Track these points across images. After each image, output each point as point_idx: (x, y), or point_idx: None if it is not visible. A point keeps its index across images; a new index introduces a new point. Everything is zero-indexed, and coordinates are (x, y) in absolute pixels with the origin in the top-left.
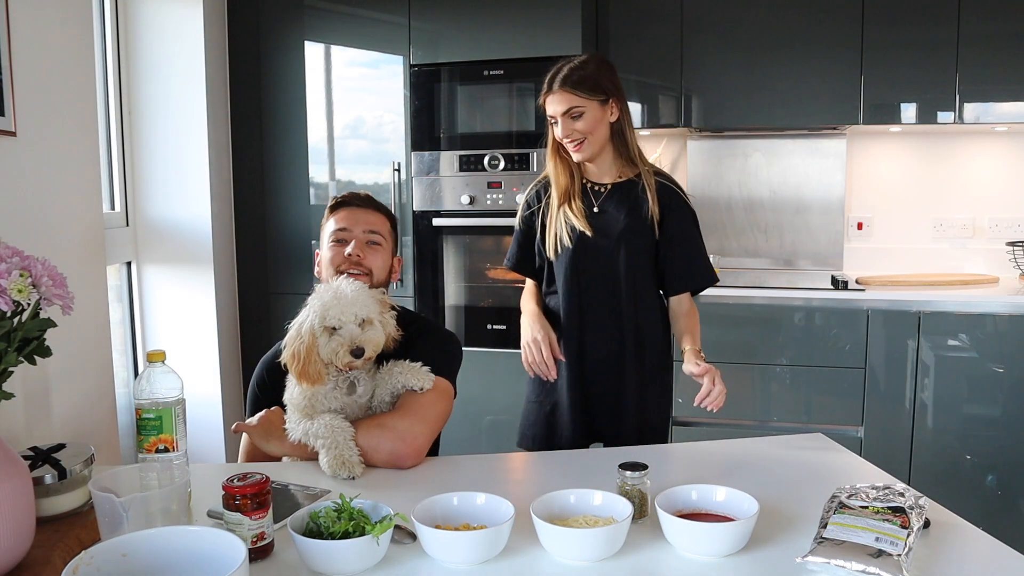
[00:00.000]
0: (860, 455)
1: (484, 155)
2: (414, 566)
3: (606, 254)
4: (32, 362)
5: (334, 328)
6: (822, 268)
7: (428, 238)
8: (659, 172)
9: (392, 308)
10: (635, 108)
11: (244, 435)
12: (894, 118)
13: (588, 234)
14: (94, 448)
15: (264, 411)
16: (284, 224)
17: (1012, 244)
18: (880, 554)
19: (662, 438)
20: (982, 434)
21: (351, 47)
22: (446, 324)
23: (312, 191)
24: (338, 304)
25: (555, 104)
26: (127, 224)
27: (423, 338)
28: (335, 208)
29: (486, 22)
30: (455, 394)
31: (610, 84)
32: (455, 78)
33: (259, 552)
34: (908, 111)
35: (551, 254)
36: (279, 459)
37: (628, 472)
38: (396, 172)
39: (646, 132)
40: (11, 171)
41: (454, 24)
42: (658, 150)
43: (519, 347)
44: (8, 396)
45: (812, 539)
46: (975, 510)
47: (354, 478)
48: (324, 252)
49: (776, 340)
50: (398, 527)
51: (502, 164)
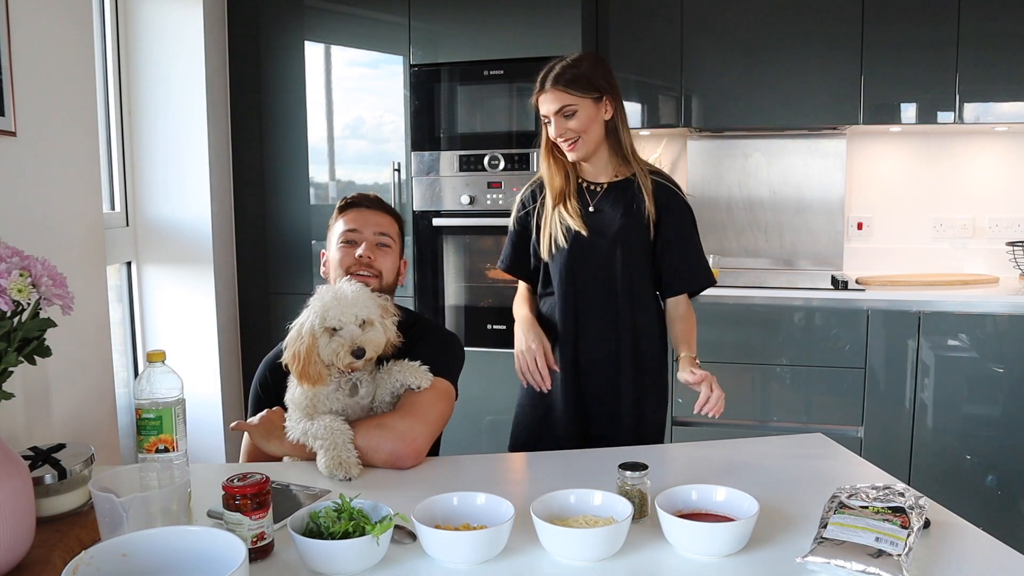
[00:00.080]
0: (860, 455)
1: (484, 155)
2: (414, 566)
3: (602, 254)
4: (32, 362)
5: (335, 329)
6: (822, 268)
7: (428, 238)
8: (656, 171)
9: (394, 314)
10: (635, 108)
11: (245, 435)
12: (894, 118)
13: (584, 234)
14: (94, 448)
15: (265, 411)
16: (284, 224)
17: (1012, 244)
18: (880, 554)
19: (658, 442)
20: (982, 434)
21: (351, 47)
22: (446, 324)
23: (312, 191)
24: (338, 305)
25: (548, 103)
26: (127, 224)
27: (425, 339)
28: (344, 209)
29: (486, 22)
30: (456, 395)
31: (604, 81)
32: (455, 78)
33: (259, 552)
34: (908, 111)
35: (546, 255)
36: (279, 459)
37: (628, 472)
38: (396, 172)
39: (646, 132)
40: (11, 171)
41: (454, 24)
42: (658, 150)
43: None
44: (8, 396)
45: (812, 539)
46: (975, 510)
47: (351, 479)
48: (333, 253)
49: (776, 340)
50: (398, 527)
51: (502, 164)
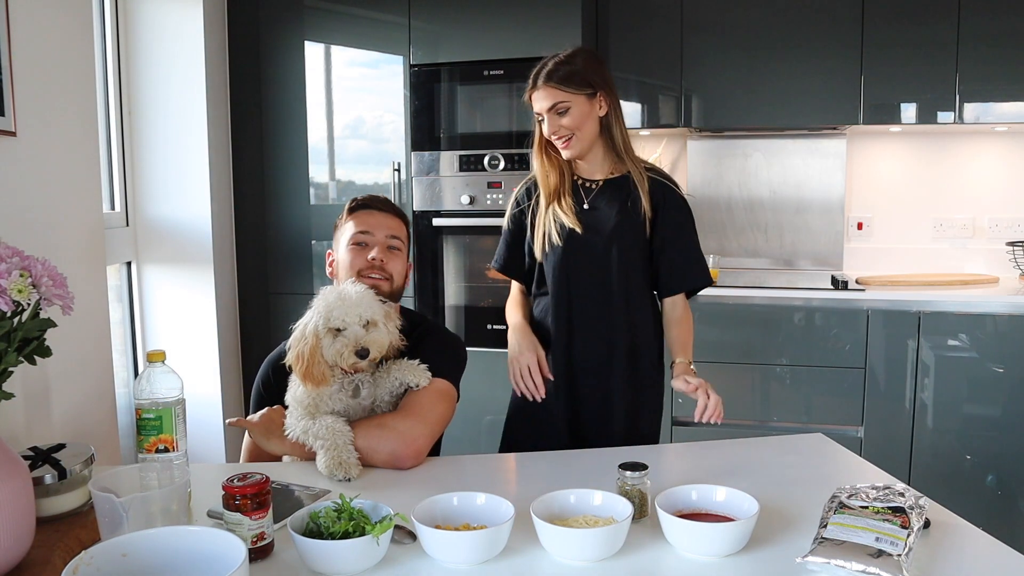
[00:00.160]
0: (860, 455)
1: (484, 155)
2: (414, 566)
3: (597, 252)
4: (32, 362)
5: (338, 329)
6: (822, 268)
7: (428, 238)
8: (653, 168)
9: (397, 320)
10: (635, 108)
11: (246, 435)
12: (894, 118)
13: (578, 231)
14: (94, 448)
15: (266, 409)
16: (284, 224)
17: (1012, 244)
18: (880, 554)
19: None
20: (982, 434)
21: (351, 47)
22: (446, 324)
23: (312, 191)
24: (342, 305)
25: (541, 100)
26: (127, 224)
27: (427, 340)
28: (355, 210)
29: (486, 22)
30: (458, 397)
31: (598, 77)
32: (455, 78)
33: (259, 552)
34: (908, 111)
35: (539, 253)
36: (279, 459)
37: (628, 472)
38: (396, 172)
39: (646, 132)
40: (11, 171)
41: (454, 24)
42: (658, 150)
43: None
44: (8, 396)
45: (812, 539)
46: (975, 510)
47: (350, 480)
48: (342, 255)
49: (776, 340)
50: (398, 527)
51: (502, 164)
